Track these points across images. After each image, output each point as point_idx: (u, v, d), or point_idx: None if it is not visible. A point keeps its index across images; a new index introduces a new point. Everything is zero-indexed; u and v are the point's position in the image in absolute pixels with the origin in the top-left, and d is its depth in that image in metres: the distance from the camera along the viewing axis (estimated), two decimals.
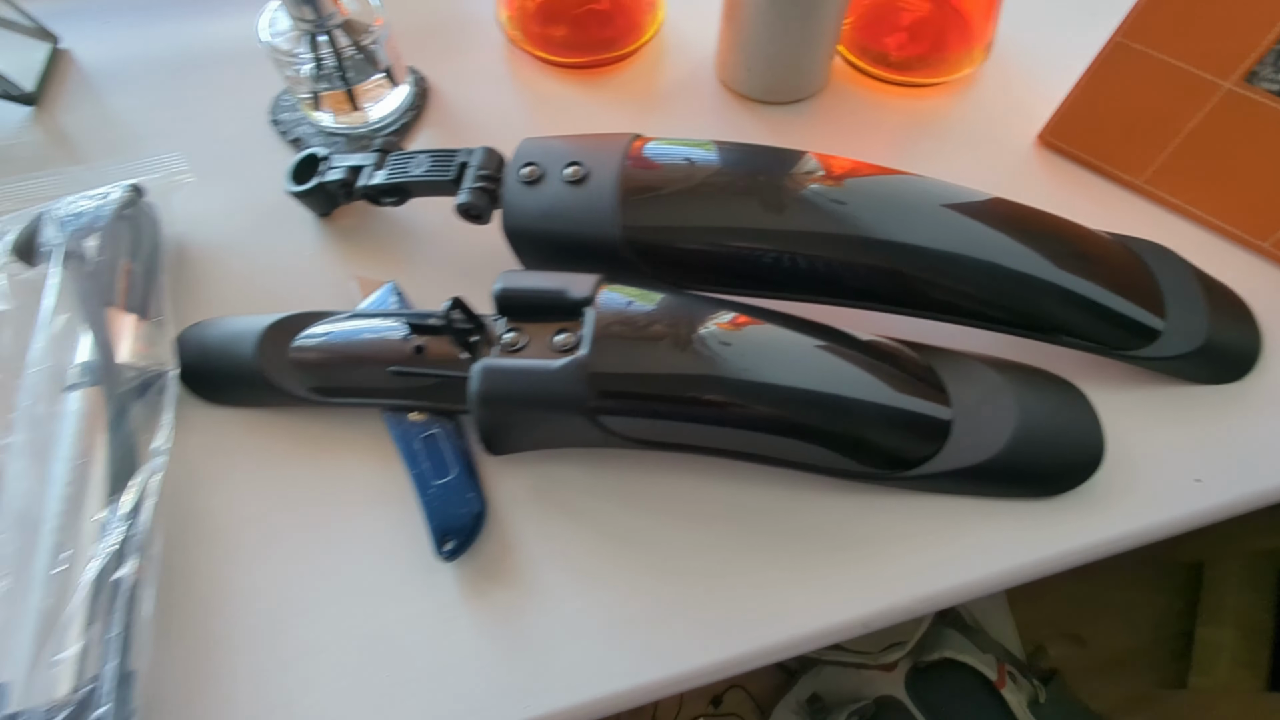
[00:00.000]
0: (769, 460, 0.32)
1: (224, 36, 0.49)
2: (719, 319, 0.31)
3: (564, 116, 0.47)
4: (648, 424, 0.30)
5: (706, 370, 0.30)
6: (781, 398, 0.30)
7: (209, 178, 0.42)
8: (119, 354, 0.33)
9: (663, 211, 0.34)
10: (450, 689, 0.29)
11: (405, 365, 0.33)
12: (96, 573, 0.27)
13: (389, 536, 0.32)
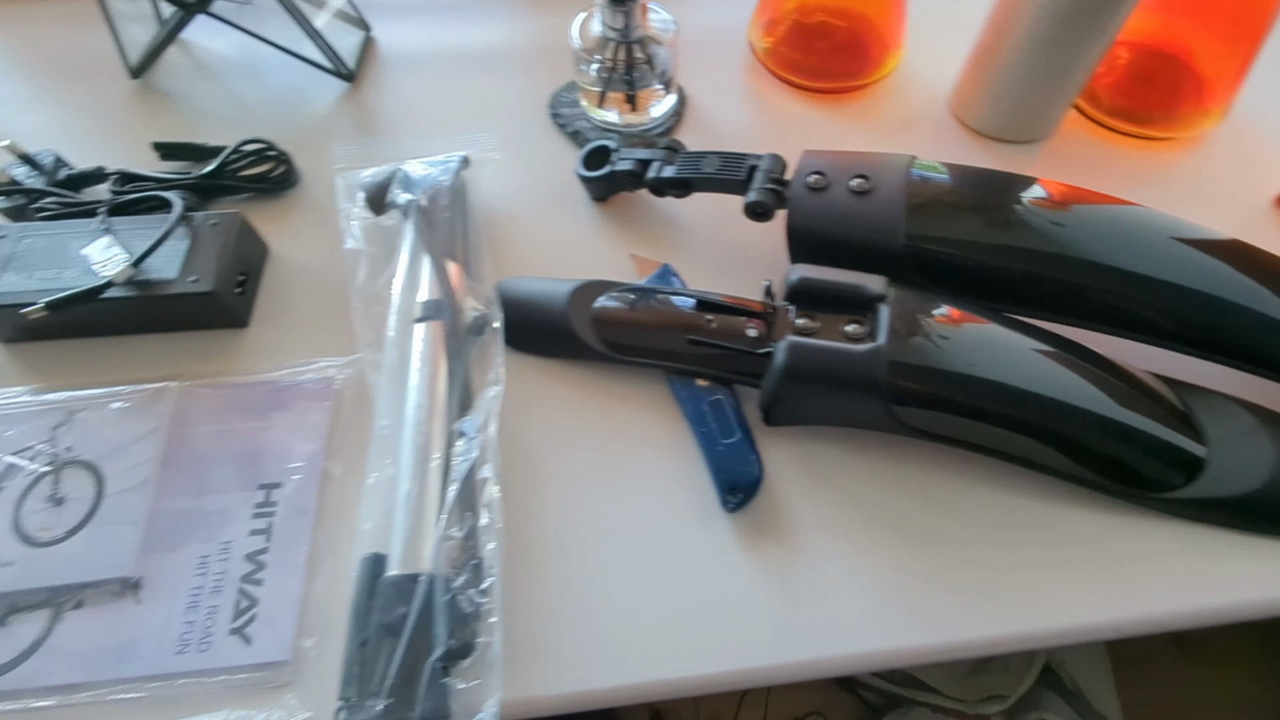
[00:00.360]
0: (1031, 464, 0.35)
1: (505, 37, 0.56)
2: (1002, 331, 0.34)
3: (804, 134, 0.51)
4: (933, 415, 0.33)
5: (994, 375, 0.33)
6: (1055, 410, 0.33)
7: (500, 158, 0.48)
8: (455, 297, 0.38)
9: (943, 225, 0.37)
10: (728, 622, 0.32)
11: (700, 336, 0.37)
12: (465, 472, 0.32)
13: (670, 482, 0.36)
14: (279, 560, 0.33)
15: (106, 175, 0.45)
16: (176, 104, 0.52)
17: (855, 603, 0.33)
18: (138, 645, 0.31)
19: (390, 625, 0.29)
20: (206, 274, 0.39)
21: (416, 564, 0.31)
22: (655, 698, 0.31)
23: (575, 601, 0.33)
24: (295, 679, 0.31)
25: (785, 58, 0.53)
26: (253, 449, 0.36)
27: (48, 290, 0.38)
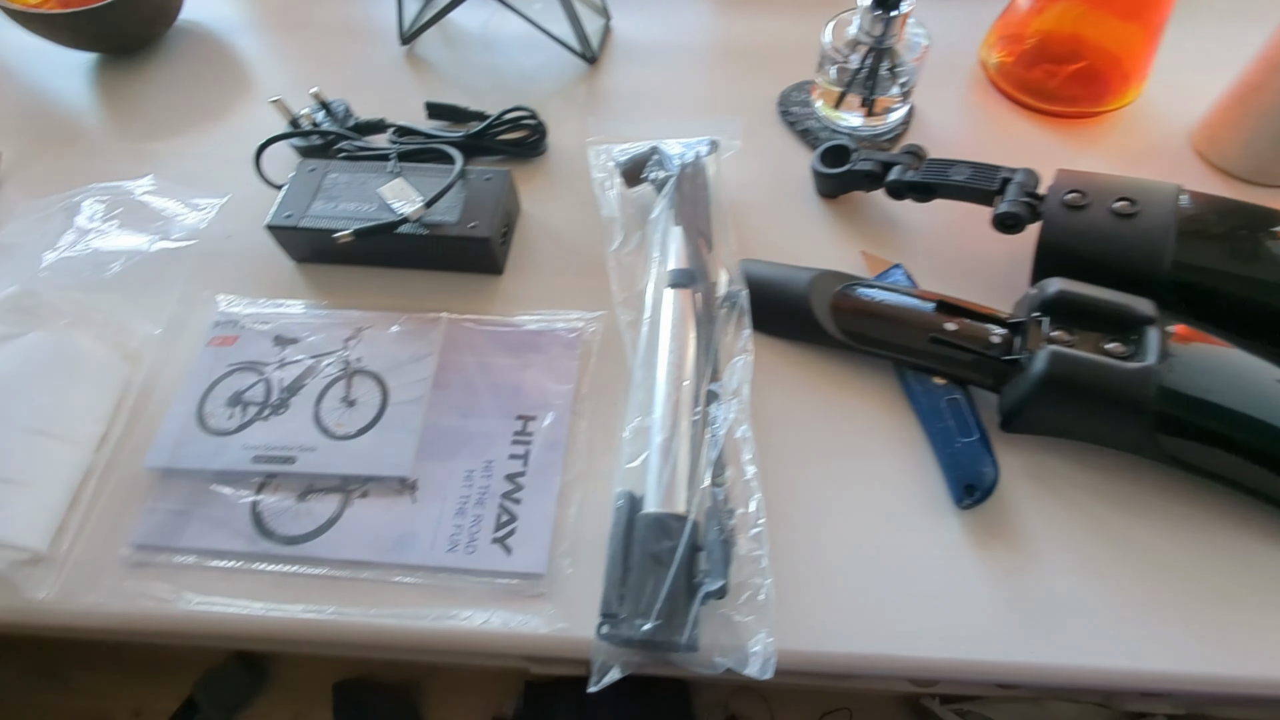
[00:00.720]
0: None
1: (735, 36, 0.59)
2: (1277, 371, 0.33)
3: (1030, 155, 0.50)
4: (1199, 448, 0.33)
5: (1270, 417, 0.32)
6: None
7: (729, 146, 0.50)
8: (707, 269, 0.41)
9: (1214, 256, 0.37)
10: (958, 613, 0.33)
11: (943, 335, 0.38)
12: (723, 429, 0.34)
13: (897, 470, 0.37)
14: (535, 484, 0.37)
15: (387, 126, 0.51)
16: (435, 70, 0.58)
17: (1088, 618, 0.33)
18: (414, 538, 0.35)
19: (657, 555, 0.31)
20: (484, 222, 0.43)
21: (672, 505, 0.33)
22: (881, 673, 0.32)
23: (804, 567, 0.34)
24: (550, 591, 0.34)
25: (1019, 77, 0.53)
26: (511, 383, 0.40)
27: (351, 219, 0.43)
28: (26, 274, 0.40)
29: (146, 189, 0.46)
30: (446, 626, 0.33)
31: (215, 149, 0.53)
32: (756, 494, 0.33)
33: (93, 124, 0.56)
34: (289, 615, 0.34)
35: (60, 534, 0.35)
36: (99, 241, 0.42)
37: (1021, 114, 0.53)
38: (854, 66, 0.48)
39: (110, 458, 0.38)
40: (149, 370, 0.40)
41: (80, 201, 0.44)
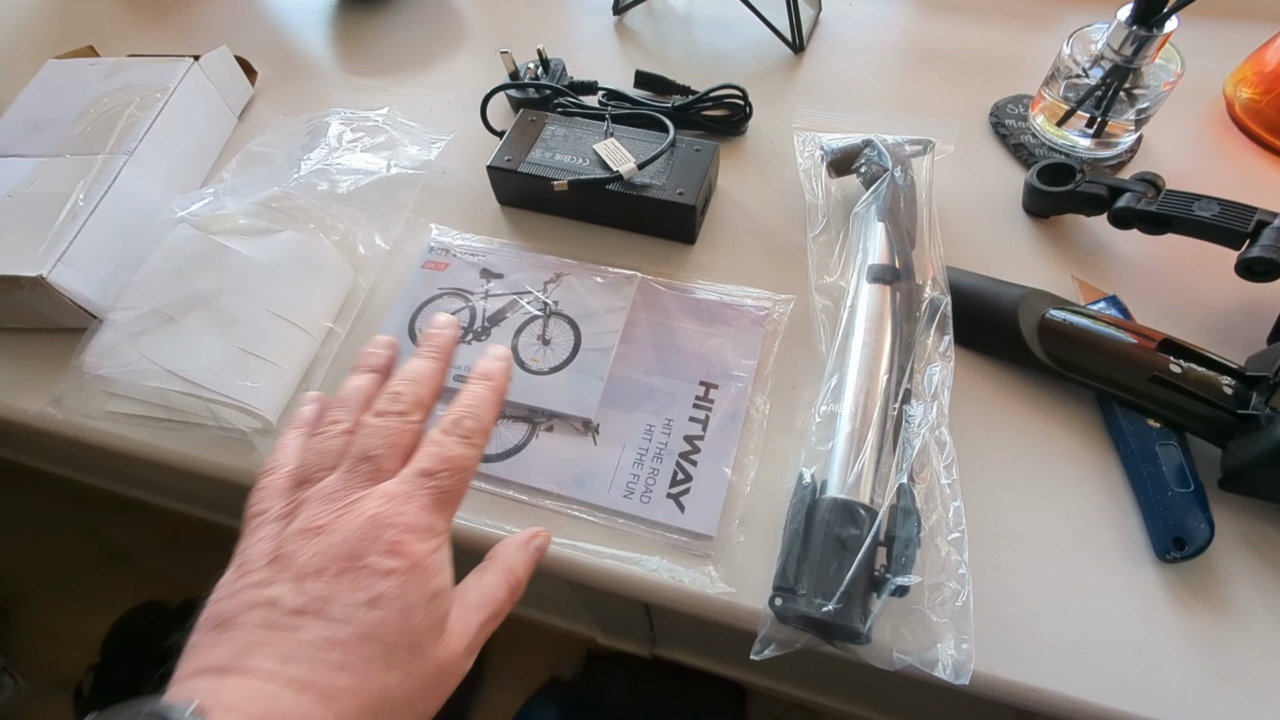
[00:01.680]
0: None
1: (948, 39, 0.57)
2: None
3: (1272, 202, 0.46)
4: None
5: None
6: None
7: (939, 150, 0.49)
8: (912, 270, 0.40)
9: None
10: (1147, 669, 0.31)
11: (1168, 377, 0.35)
12: (922, 432, 0.34)
13: (1091, 509, 0.35)
14: (712, 449, 0.37)
15: (598, 88, 0.53)
16: (640, 41, 0.60)
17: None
18: (594, 477, 0.37)
19: (842, 540, 0.31)
20: (690, 190, 0.44)
21: (858, 494, 0.33)
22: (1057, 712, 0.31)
23: (990, 584, 0.33)
24: (717, 555, 0.35)
25: (1270, 119, 0.48)
26: (696, 349, 0.41)
27: (565, 170, 0.45)
28: (284, 180, 0.45)
29: (383, 118, 0.50)
30: (618, 568, 0.35)
31: (435, 92, 0.57)
32: (956, 500, 0.32)
33: (331, 57, 0.61)
34: (475, 526, 0.36)
35: (289, 411, 0.39)
36: (343, 159, 0.46)
37: (1267, 158, 0.48)
38: (1090, 83, 0.45)
39: (334, 351, 0.42)
40: (374, 279, 0.44)
41: (329, 122, 0.49)
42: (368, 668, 0.22)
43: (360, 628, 0.22)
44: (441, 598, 0.24)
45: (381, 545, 0.23)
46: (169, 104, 0.48)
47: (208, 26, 0.65)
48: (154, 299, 0.39)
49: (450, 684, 0.25)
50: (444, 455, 0.26)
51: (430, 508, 0.25)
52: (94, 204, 0.42)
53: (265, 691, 0.21)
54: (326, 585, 0.23)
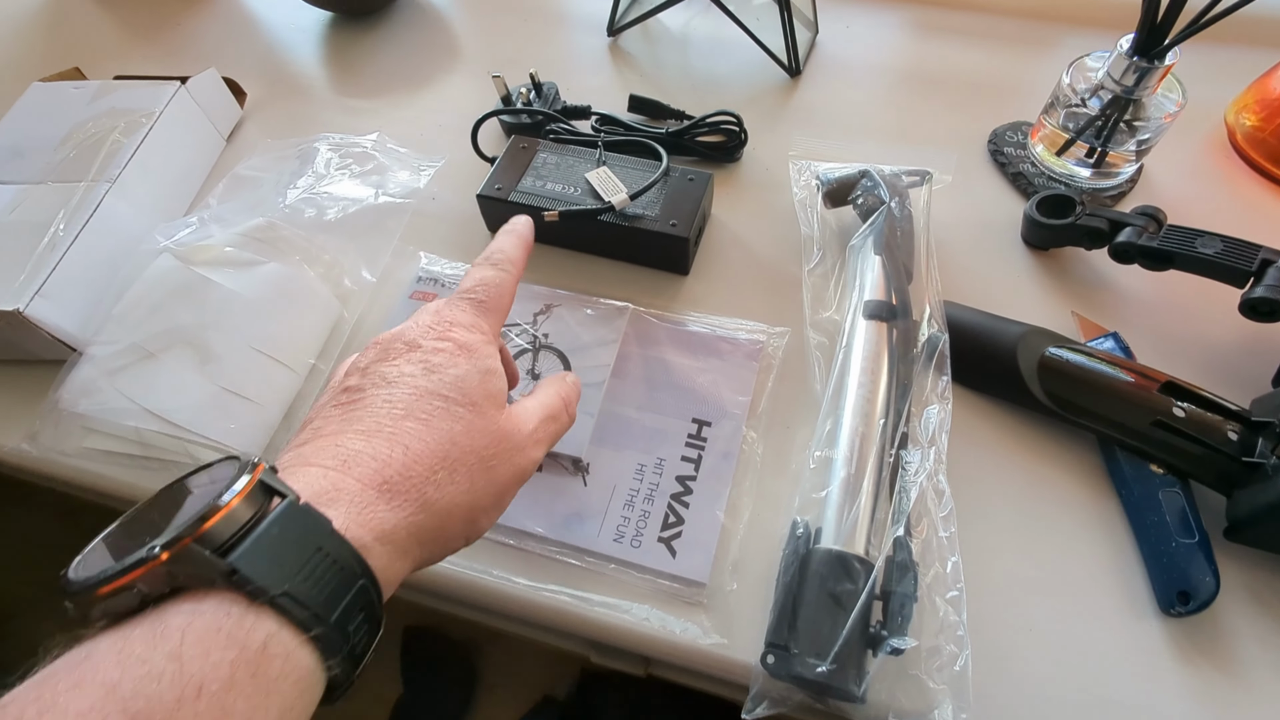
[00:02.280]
0: None
1: (947, 65, 0.56)
2: None
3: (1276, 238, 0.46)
4: None
5: None
6: None
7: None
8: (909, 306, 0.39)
9: None
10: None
11: (1171, 421, 0.35)
12: (919, 479, 0.33)
13: (1092, 558, 0.34)
14: (704, 490, 0.37)
15: (591, 113, 0.52)
16: (635, 63, 0.59)
17: None
18: (584, 520, 0.36)
19: (836, 595, 0.30)
20: (683, 221, 0.43)
21: (852, 545, 0.32)
22: None
23: (983, 640, 0.32)
24: (709, 603, 0.34)
25: (1272, 148, 0.48)
26: (689, 384, 0.40)
27: (556, 200, 0.44)
28: (270, 207, 0.44)
29: (372, 144, 0.49)
30: (606, 617, 0.34)
31: (426, 114, 0.57)
32: (954, 555, 0.32)
33: (322, 78, 0.61)
34: (454, 569, 0.35)
35: (271, 451, 0.38)
36: (330, 186, 0.45)
37: (1269, 189, 0.48)
38: (1090, 113, 0.45)
39: (318, 387, 0.41)
40: (360, 311, 0.43)
41: (317, 147, 0.48)
42: (430, 415, 0.24)
43: (418, 389, 0.25)
44: (494, 376, 0.27)
45: (433, 335, 0.27)
46: (154, 129, 0.47)
47: (198, 45, 0.64)
48: (134, 333, 0.39)
49: (518, 461, 0.26)
50: (478, 276, 0.30)
51: (471, 311, 0.29)
52: (74, 234, 0.41)
53: (334, 443, 0.23)
54: (382, 363, 0.26)
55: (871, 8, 0.62)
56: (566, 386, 0.32)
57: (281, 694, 0.18)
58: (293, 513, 0.20)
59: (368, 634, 0.21)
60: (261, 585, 0.18)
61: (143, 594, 0.18)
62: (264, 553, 0.19)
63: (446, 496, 0.23)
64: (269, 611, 0.18)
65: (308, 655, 0.19)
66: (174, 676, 0.16)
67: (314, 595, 0.19)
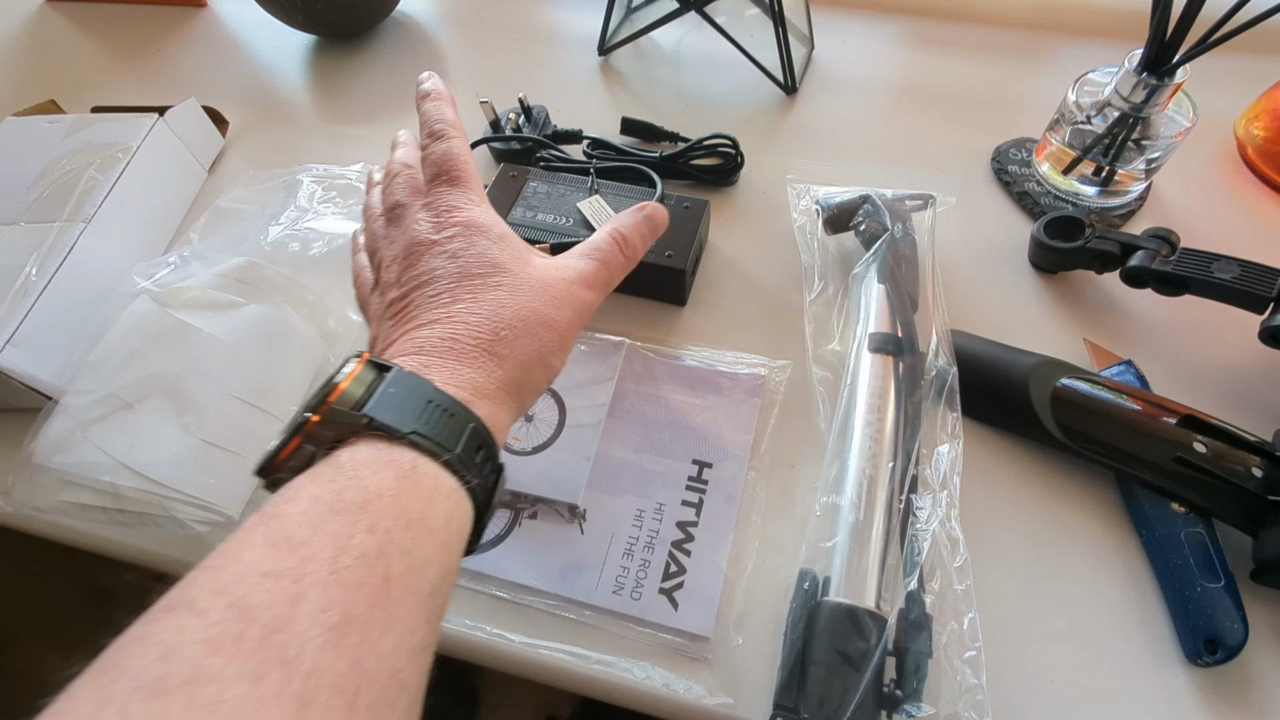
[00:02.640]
0: None
1: (949, 79, 0.55)
2: None
3: None
4: None
5: None
6: None
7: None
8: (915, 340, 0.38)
9: None
10: None
11: (1192, 457, 0.33)
12: (934, 524, 0.31)
13: (1116, 603, 0.33)
14: (706, 537, 0.35)
15: (583, 137, 0.51)
16: (626, 83, 0.58)
17: None
18: (581, 571, 0.35)
19: (846, 654, 0.29)
20: (679, 252, 0.42)
21: (862, 598, 0.31)
22: None
23: (1001, 694, 0.30)
24: (714, 659, 0.32)
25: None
26: (688, 423, 0.38)
27: (548, 231, 0.43)
28: (252, 244, 0.42)
29: (357, 175, 0.48)
30: (605, 675, 0.32)
31: None
32: (971, 611, 0.30)
33: (306, 103, 0.59)
34: (453, 627, 0.34)
35: (252, 505, 0.37)
36: (314, 222, 0.44)
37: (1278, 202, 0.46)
38: (1096, 131, 0.43)
39: None
40: (343, 353, 0.42)
41: (301, 180, 0.46)
42: (474, 292, 0.27)
43: (450, 275, 0.28)
44: (508, 237, 0.30)
45: (439, 227, 0.29)
46: (131, 164, 0.46)
47: (179, 71, 0.63)
48: (110, 382, 0.37)
49: (569, 304, 0.29)
50: (435, 155, 0.31)
51: (457, 190, 0.30)
52: (47, 278, 0.40)
53: (405, 340, 0.26)
54: (412, 270, 0.29)
55: (868, 20, 0.61)
56: (627, 218, 0.34)
57: (439, 503, 0.23)
58: (402, 376, 0.24)
59: (492, 470, 0.26)
60: (395, 426, 0.23)
61: (311, 451, 0.23)
62: (389, 405, 0.23)
63: (516, 350, 0.27)
64: (406, 445, 0.23)
65: (447, 476, 0.23)
66: (357, 487, 0.21)
67: (437, 432, 0.23)
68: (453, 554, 0.23)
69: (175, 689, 0.16)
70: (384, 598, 0.19)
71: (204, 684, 0.16)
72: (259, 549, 0.19)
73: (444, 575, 0.22)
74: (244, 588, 0.18)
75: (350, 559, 0.19)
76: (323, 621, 0.18)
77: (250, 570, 0.18)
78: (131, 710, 0.15)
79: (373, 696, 0.18)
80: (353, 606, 0.18)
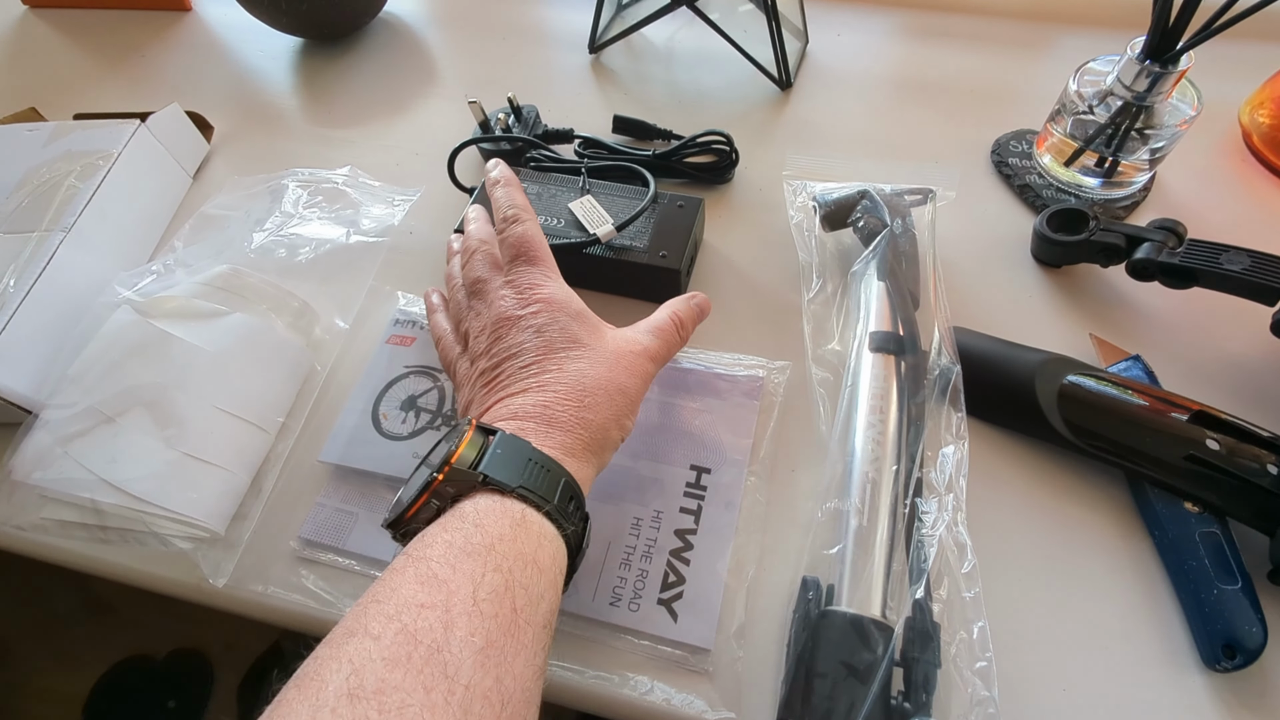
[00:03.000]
0: None
1: (947, 72, 0.54)
2: None
3: None
4: None
5: None
6: None
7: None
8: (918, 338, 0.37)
9: None
10: None
11: (1205, 455, 0.32)
12: (940, 529, 0.30)
13: (1129, 608, 0.32)
14: (706, 546, 0.34)
15: (573, 136, 0.50)
16: (618, 80, 0.57)
17: None
18: (577, 584, 0.33)
19: (852, 666, 0.28)
20: (674, 252, 0.41)
21: (867, 607, 0.30)
22: None
23: (1013, 704, 0.29)
24: (715, 671, 0.31)
25: None
26: (685, 428, 0.37)
27: None
28: (237, 251, 0.41)
29: (344, 178, 0.47)
30: (603, 689, 0.31)
31: (403, 143, 0.54)
32: (980, 620, 0.29)
33: (293, 107, 0.58)
34: None
35: (238, 520, 0.36)
36: (300, 227, 0.43)
37: None
38: (1099, 121, 0.42)
39: (289, 447, 0.38)
40: (332, 361, 0.41)
41: (286, 184, 0.45)
42: (559, 364, 0.31)
43: (537, 349, 0.31)
44: (585, 312, 0.33)
45: (523, 303, 0.33)
46: (112, 171, 0.45)
47: (163, 75, 0.62)
48: (91, 395, 0.36)
49: (637, 373, 0.32)
50: (512, 238, 0.35)
51: (536, 269, 0.34)
52: (26, 289, 0.39)
53: (501, 407, 0.30)
54: (501, 342, 0.32)
55: (862, 13, 0.60)
56: (683, 304, 0.37)
57: (546, 546, 0.26)
58: (507, 439, 0.28)
59: (581, 518, 0.29)
60: (506, 483, 0.26)
61: (436, 506, 0.27)
62: (499, 464, 0.27)
63: (598, 414, 0.30)
64: (515, 497, 0.26)
65: (549, 524, 0.27)
66: (481, 534, 0.25)
67: (538, 486, 0.27)
68: (558, 592, 0.26)
69: (369, 696, 0.19)
70: (514, 626, 0.23)
71: (390, 693, 0.20)
72: (412, 585, 0.23)
73: (553, 610, 0.26)
74: (408, 616, 0.22)
75: (485, 593, 0.23)
76: (472, 644, 0.22)
77: (409, 603, 0.22)
78: (341, 712, 0.19)
79: (511, 710, 0.21)
80: (492, 633, 0.22)
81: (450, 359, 0.36)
